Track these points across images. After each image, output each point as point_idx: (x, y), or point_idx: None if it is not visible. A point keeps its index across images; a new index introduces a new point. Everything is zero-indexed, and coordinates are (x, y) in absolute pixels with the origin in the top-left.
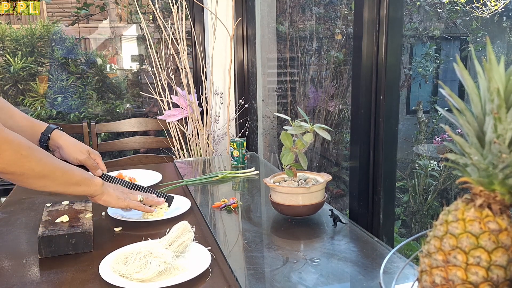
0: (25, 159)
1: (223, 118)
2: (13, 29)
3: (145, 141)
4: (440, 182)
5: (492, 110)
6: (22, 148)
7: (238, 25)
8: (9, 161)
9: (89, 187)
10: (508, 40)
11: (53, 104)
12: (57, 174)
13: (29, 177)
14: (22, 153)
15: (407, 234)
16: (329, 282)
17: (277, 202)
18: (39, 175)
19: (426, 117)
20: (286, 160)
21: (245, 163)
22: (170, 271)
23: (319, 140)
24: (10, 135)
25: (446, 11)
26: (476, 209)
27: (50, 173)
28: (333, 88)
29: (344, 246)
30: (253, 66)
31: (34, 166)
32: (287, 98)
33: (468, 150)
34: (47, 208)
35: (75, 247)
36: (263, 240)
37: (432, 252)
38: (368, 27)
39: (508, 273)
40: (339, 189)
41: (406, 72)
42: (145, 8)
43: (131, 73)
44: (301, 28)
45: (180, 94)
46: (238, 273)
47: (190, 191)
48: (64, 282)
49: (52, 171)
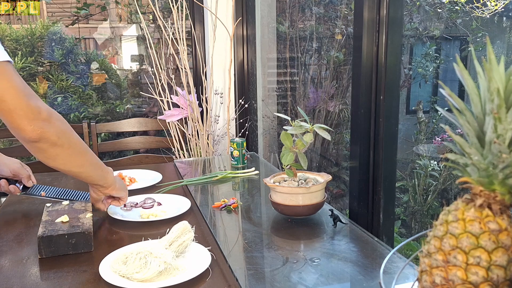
0: (71, 132)
1: (223, 118)
2: (13, 29)
3: (145, 141)
4: (440, 182)
5: (492, 110)
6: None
7: (238, 25)
8: (61, 131)
9: (108, 173)
10: (508, 40)
11: (53, 104)
12: (89, 152)
13: (73, 151)
14: (67, 126)
15: (407, 234)
16: (329, 282)
17: (277, 202)
18: (80, 151)
19: (426, 117)
20: (286, 160)
21: (245, 163)
22: (170, 271)
23: (319, 140)
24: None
25: (446, 11)
26: (476, 209)
27: (87, 151)
28: (333, 88)
29: (344, 246)
30: (253, 66)
31: (77, 140)
32: (287, 98)
33: (468, 150)
34: (47, 208)
35: (75, 247)
36: (263, 240)
37: (432, 252)
38: (368, 27)
39: (508, 273)
40: (339, 189)
41: (406, 72)
42: (145, 8)
43: (131, 73)
44: (301, 28)
45: (180, 94)
46: (238, 273)
47: (190, 191)
48: (64, 282)
49: (87, 148)
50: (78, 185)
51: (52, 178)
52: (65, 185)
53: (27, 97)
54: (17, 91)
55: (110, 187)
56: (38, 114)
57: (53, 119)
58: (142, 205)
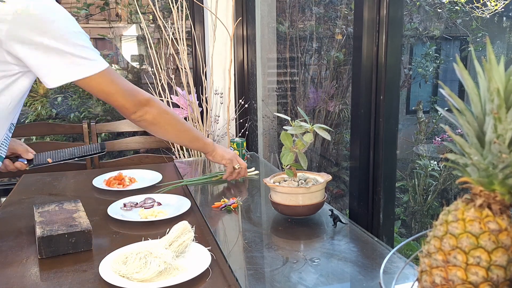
0: (166, 114)
1: (223, 118)
2: None
3: (145, 141)
4: (440, 182)
5: (492, 110)
6: (162, 106)
7: (238, 25)
8: (157, 114)
9: (207, 144)
10: (508, 40)
11: (53, 104)
12: (186, 129)
13: (170, 128)
14: (163, 110)
15: (407, 234)
16: (329, 282)
17: (277, 202)
18: (176, 127)
19: (426, 117)
20: (286, 160)
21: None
22: (170, 271)
23: (319, 140)
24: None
25: (446, 11)
26: (476, 209)
27: (184, 128)
28: (333, 88)
29: (344, 246)
30: (253, 66)
31: (172, 120)
32: (287, 98)
33: (468, 150)
34: (37, 209)
35: (75, 246)
36: (263, 240)
37: (432, 252)
38: (368, 27)
39: (508, 273)
40: (339, 189)
41: (406, 72)
42: (145, 8)
43: (131, 73)
44: (301, 28)
45: (180, 94)
46: (238, 273)
47: (190, 191)
48: (64, 282)
49: (183, 126)
50: (78, 185)
51: (52, 178)
52: (65, 184)
53: (131, 93)
54: (124, 91)
55: (211, 156)
56: (139, 105)
57: (150, 105)
58: (142, 205)
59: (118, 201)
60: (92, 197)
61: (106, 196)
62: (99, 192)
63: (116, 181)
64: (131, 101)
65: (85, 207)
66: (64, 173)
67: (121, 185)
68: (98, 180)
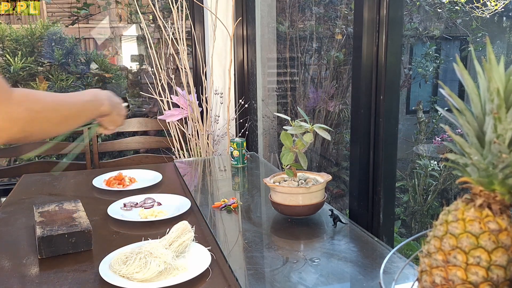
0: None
1: (223, 118)
2: (13, 29)
3: (145, 141)
4: (440, 182)
5: (492, 110)
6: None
7: (238, 25)
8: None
9: (98, 99)
10: (508, 40)
11: None
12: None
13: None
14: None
15: (407, 234)
16: (329, 282)
17: (277, 202)
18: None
19: (426, 117)
20: (286, 160)
21: (245, 163)
22: (170, 271)
23: (319, 140)
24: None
25: (446, 11)
26: (476, 209)
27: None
28: (333, 88)
29: (344, 246)
30: (253, 66)
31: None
32: (287, 98)
33: (468, 150)
34: (37, 209)
35: (75, 246)
36: (263, 240)
37: (432, 252)
38: (368, 27)
39: (508, 273)
40: (339, 189)
41: (406, 72)
42: (145, 8)
43: (131, 73)
44: (301, 28)
45: (180, 94)
46: (238, 273)
47: (190, 191)
48: (64, 282)
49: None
50: (78, 185)
51: (52, 178)
52: (65, 184)
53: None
54: None
55: (106, 116)
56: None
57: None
58: (142, 205)
59: (118, 201)
60: (92, 197)
61: (106, 196)
62: (99, 192)
63: (116, 181)
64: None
65: (85, 207)
66: (64, 173)
67: (121, 185)
68: (98, 180)
